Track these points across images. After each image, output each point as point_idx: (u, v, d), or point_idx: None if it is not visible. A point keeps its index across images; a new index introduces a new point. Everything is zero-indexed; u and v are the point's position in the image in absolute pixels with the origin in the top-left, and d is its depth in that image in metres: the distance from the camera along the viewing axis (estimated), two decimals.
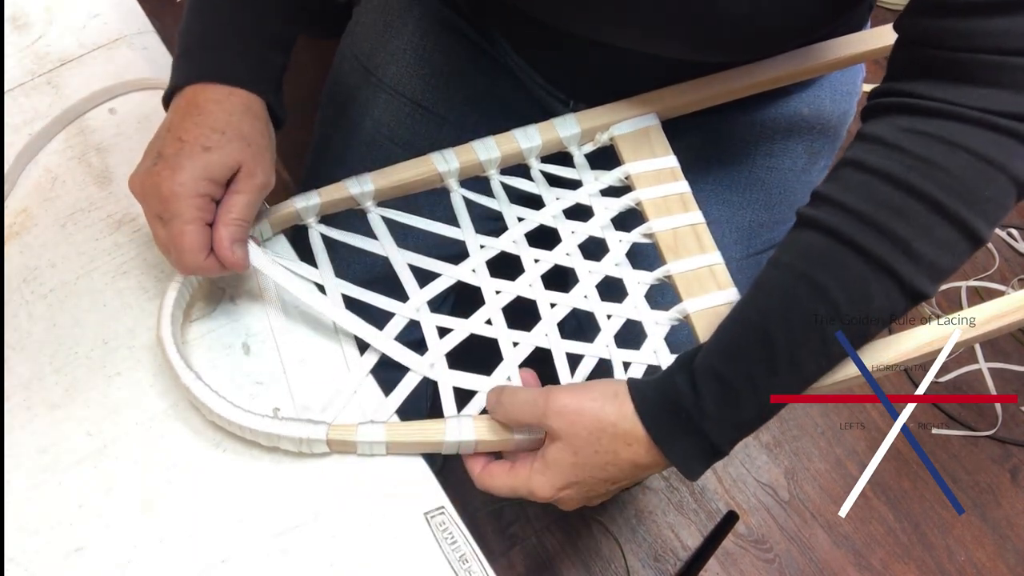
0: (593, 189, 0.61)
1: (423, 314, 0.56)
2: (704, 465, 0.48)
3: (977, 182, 0.44)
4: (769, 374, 0.46)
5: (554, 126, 0.61)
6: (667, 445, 0.47)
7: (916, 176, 0.44)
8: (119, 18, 0.68)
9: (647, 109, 0.62)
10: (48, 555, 0.48)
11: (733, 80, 0.63)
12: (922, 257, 0.44)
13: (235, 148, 0.51)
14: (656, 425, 0.47)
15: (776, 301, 0.47)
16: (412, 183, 0.59)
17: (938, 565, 1.26)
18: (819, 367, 0.47)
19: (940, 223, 0.44)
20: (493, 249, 0.59)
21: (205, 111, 0.51)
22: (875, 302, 0.45)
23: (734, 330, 0.48)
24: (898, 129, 0.46)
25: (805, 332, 0.46)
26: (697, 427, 0.46)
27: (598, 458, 0.48)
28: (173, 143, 0.50)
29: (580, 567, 1.23)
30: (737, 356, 0.47)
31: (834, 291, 0.45)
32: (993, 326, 0.52)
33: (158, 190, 0.49)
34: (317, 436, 0.50)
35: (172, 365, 0.51)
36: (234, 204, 0.51)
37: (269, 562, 0.49)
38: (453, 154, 0.59)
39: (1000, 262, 1.47)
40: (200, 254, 0.50)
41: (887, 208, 0.44)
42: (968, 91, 0.44)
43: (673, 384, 0.48)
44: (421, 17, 0.71)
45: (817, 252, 0.46)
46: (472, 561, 0.49)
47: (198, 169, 0.50)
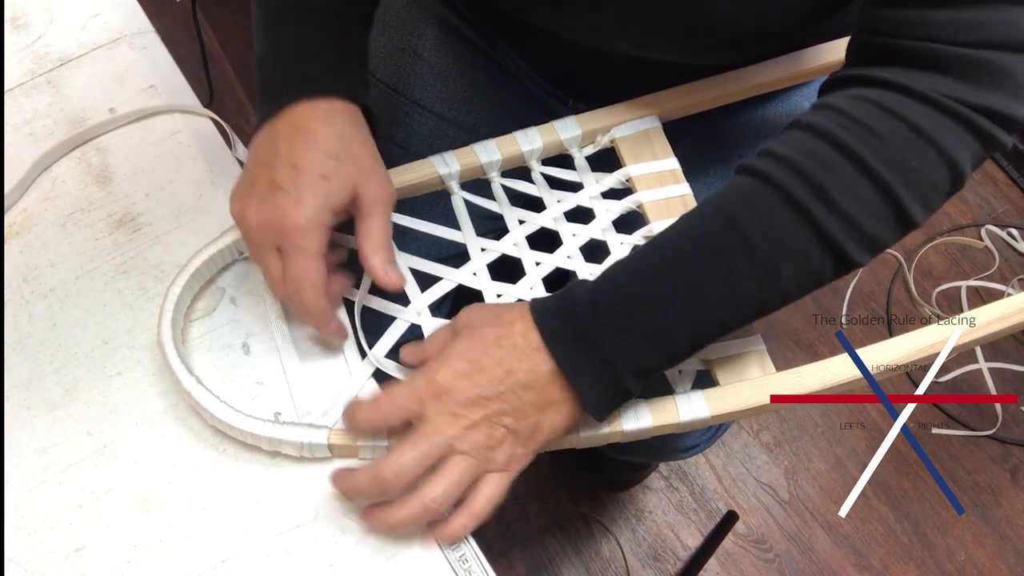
0: (594, 191, 0.61)
1: (424, 318, 0.56)
2: (599, 384, 0.47)
3: (906, 151, 0.45)
4: (671, 292, 0.46)
5: (555, 128, 0.61)
6: (559, 351, 0.46)
7: (849, 136, 0.45)
8: (119, 18, 0.68)
9: (648, 111, 0.62)
10: (48, 555, 0.48)
11: (733, 82, 0.63)
12: (839, 207, 0.45)
13: (351, 172, 0.50)
14: (544, 317, 0.47)
15: (691, 229, 0.48)
16: (413, 186, 0.59)
17: (938, 565, 1.26)
18: (723, 296, 0.46)
19: (864, 183, 0.45)
20: (494, 252, 0.58)
21: (314, 134, 0.50)
22: (787, 240, 0.46)
23: (643, 251, 0.49)
24: (846, 96, 0.48)
25: (711, 257, 0.46)
26: (591, 336, 0.46)
27: (492, 331, 0.47)
28: (288, 171, 0.49)
29: (580, 567, 1.23)
30: (642, 273, 0.47)
31: (745, 223, 0.46)
32: (994, 328, 0.52)
33: (281, 224, 0.48)
34: (319, 440, 0.50)
35: (172, 369, 0.51)
36: (371, 228, 0.51)
37: (269, 562, 0.49)
38: (454, 157, 0.59)
39: (1000, 262, 1.47)
40: (323, 289, 0.50)
41: (815, 160, 0.46)
42: (917, 75, 0.46)
43: (569, 291, 0.48)
44: (419, 18, 0.71)
45: (740, 190, 0.48)
46: (472, 561, 0.49)
47: (320, 199, 0.48)
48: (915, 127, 0.45)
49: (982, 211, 1.54)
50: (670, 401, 0.52)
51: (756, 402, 0.52)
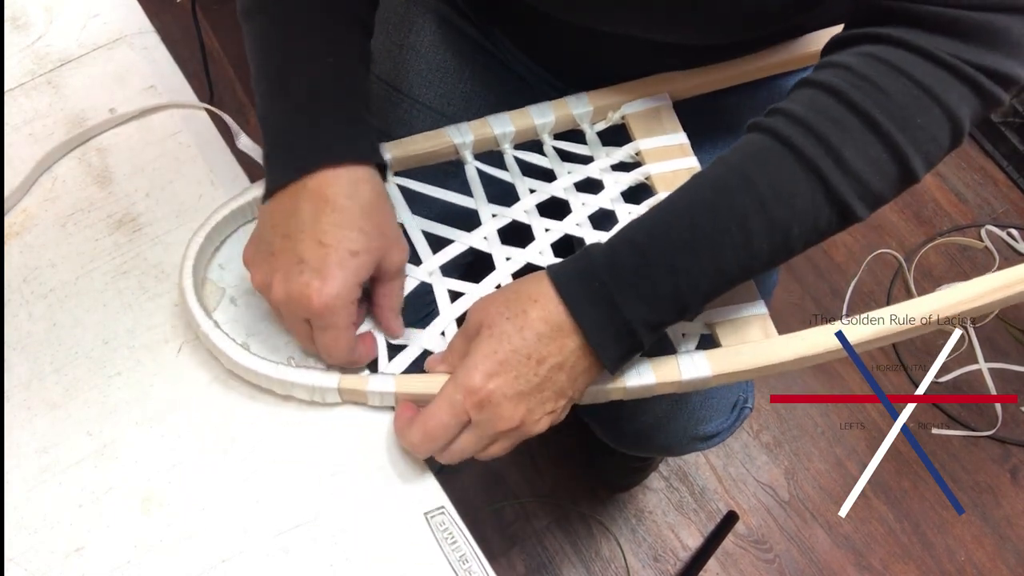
0: (604, 164, 0.62)
1: (435, 278, 0.57)
2: (617, 344, 0.48)
3: (912, 108, 0.46)
4: (688, 254, 0.47)
5: (567, 104, 0.63)
6: (574, 304, 0.47)
7: (858, 93, 0.46)
8: (119, 18, 0.68)
9: (658, 89, 0.64)
10: (48, 555, 0.48)
11: (744, 64, 0.64)
12: (850, 166, 0.46)
13: (378, 245, 0.50)
14: (565, 283, 0.48)
15: (707, 190, 0.49)
16: (428, 154, 0.60)
17: (938, 565, 1.26)
18: (738, 258, 0.48)
19: (872, 141, 0.46)
20: (505, 218, 0.60)
21: (340, 208, 0.49)
22: (799, 202, 0.47)
23: (660, 212, 0.49)
24: (853, 53, 0.49)
25: (728, 221, 0.47)
26: (607, 294, 0.47)
27: (510, 324, 0.48)
28: (315, 248, 0.48)
29: (580, 567, 1.23)
30: (659, 233, 0.48)
31: (762, 185, 0.47)
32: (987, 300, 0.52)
33: (309, 302, 0.48)
34: (329, 384, 0.51)
35: (192, 314, 0.53)
36: (390, 291, 0.52)
37: (269, 562, 0.49)
38: (468, 127, 0.61)
39: (1000, 262, 1.47)
40: (353, 354, 0.51)
41: (826, 117, 0.47)
42: (921, 34, 0.47)
43: (587, 253, 0.48)
44: (418, 14, 0.71)
45: (754, 149, 0.48)
46: (472, 561, 0.49)
47: (350, 277, 0.48)
48: (920, 84, 0.46)
49: (982, 211, 1.54)
50: (672, 360, 0.53)
51: (757, 363, 0.52)
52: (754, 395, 0.77)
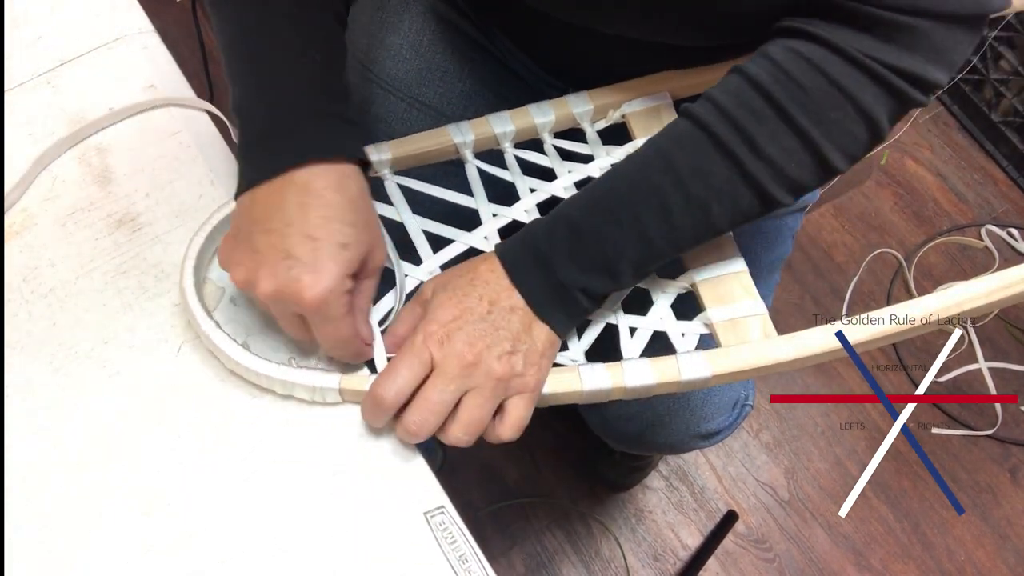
0: (605, 163, 0.62)
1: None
2: (553, 303, 0.51)
3: (826, 105, 0.50)
4: (613, 224, 0.51)
5: (567, 102, 0.63)
6: (514, 270, 0.52)
7: (777, 87, 0.50)
8: (119, 18, 0.68)
9: (659, 88, 0.64)
10: (48, 555, 0.48)
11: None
12: (763, 151, 0.50)
13: (365, 239, 0.50)
14: (507, 253, 0.52)
15: (634, 169, 0.53)
16: (428, 153, 0.60)
17: (938, 565, 1.26)
18: (660, 230, 0.51)
19: (786, 132, 0.50)
20: (505, 218, 0.60)
21: (327, 202, 0.48)
22: (715, 181, 0.51)
23: (592, 188, 0.53)
24: (781, 47, 0.51)
25: (648, 194, 0.51)
26: (545, 259, 0.51)
27: (462, 279, 0.52)
28: (304, 242, 0.47)
29: (580, 567, 1.23)
30: (588, 206, 0.52)
31: (680, 165, 0.51)
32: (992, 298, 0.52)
33: (300, 297, 0.47)
34: (330, 384, 0.52)
35: (192, 313, 0.53)
36: (364, 290, 0.52)
37: (268, 562, 0.49)
38: (468, 126, 0.61)
39: (1000, 262, 1.47)
40: (358, 341, 0.51)
41: (746, 108, 0.50)
42: (845, 32, 0.49)
43: (530, 227, 0.53)
44: (417, 13, 0.71)
45: (678, 134, 0.52)
46: (472, 561, 0.49)
47: (342, 267, 0.48)
48: (836, 83, 0.49)
49: (982, 211, 1.54)
50: (672, 360, 0.53)
51: (757, 363, 0.53)
52: (755, 393, 0.78)
